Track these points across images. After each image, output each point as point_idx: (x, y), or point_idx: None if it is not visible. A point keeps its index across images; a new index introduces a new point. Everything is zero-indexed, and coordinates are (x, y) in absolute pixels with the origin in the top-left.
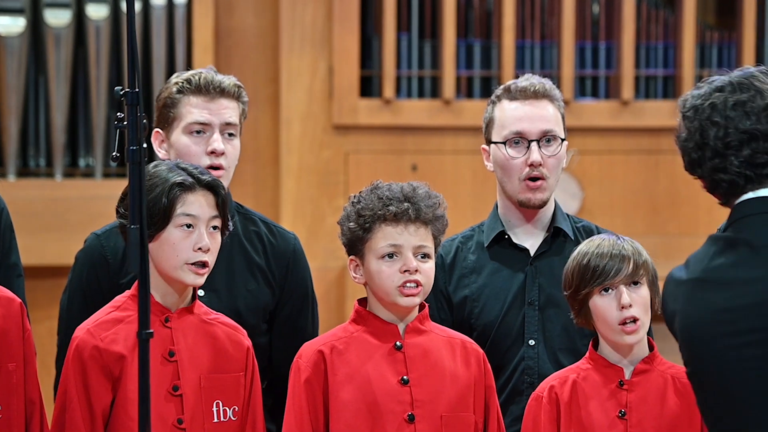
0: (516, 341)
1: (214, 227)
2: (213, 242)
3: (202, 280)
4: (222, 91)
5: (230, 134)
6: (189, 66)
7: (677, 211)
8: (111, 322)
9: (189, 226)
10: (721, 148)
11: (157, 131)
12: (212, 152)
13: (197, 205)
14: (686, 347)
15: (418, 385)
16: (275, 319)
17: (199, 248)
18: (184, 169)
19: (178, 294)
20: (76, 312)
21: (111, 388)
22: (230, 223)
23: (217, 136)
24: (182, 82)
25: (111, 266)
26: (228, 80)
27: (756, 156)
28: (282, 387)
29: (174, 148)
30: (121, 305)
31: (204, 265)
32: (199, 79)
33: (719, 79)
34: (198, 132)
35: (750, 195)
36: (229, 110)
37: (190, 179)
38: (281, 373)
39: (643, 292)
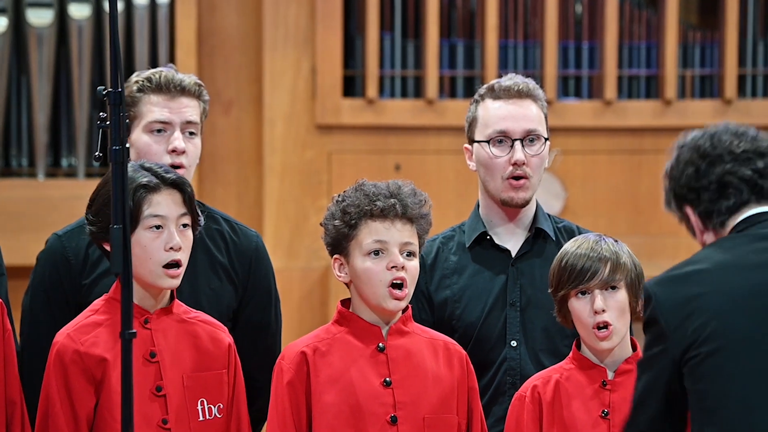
0: (498, 342)
1: (184, 225)
2: (184, 240)
3: (177, 282)
4: (183, 90)
5: (191, 133)
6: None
7: (660, 212)
8: (91, 326)
9: (158, 227)
10: (729, 160)
11: None
12: (173, 151)
13: (164, 204)
14: (718, 322)
15: (401, 386)
16: (239, 317)
17: (171, 247)
18: (148, 170)
19: (155, 296)
20: (38, 313)
21: (94, 391)
22: (201, 218)
23: (177, 134)
24: (143, 81)
25: (73, 267)
26: (189, 79)
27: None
28: (248, 385)
29: (135, 147)
30: (99, 309)
31: (177, 264)
32: (160, 78)
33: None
34: (159, 131)
35: (757, 210)
36: (189, 109)
37: (155, 179)
38: (246, 370)
39: (620, 296)
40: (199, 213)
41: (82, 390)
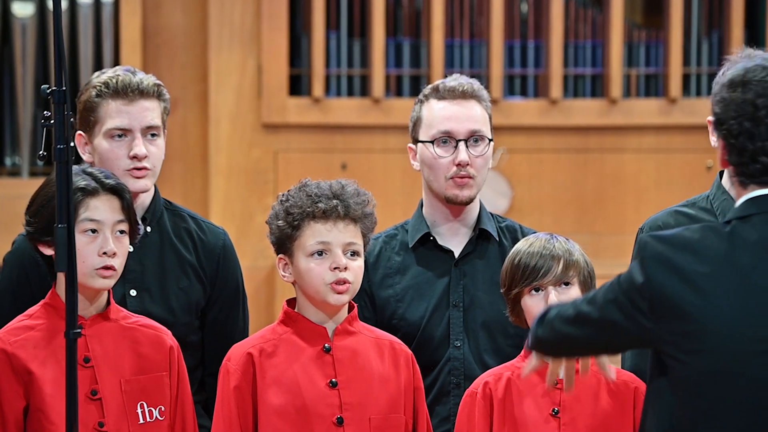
0: (442, 343)
1: (121, 231)
2: (120, 246)
3: (111, 283)
4: (141, 93)
5: (153, 135)
6: (116, 65)
7: (605, 210)
8: (22, 329)
9: (94, 231)
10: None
11: (80, 134)
12: (134, 157)
13: (101, 209)
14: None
15: (347, 387)
16: (207, 315)
17: (104, 253)
18: (89, 174)
19: (90, 301)
20: (6, 314)
21: (23, 393)
22: (140, 227)
23: (138, 140)
24: (100, 86)
25: (41, 267)
26: (147, 80)
27: None
28: (215, 383)
29: (97, 153)
30: (33, 314)
31: (111, 269)
32: (117, 83)
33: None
34: (120, 135)
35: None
36: (149, 112)
37: (94, 183)
38: (214, 369)
39: (573, 292)
40: (139, 222)
41: (12, 391)
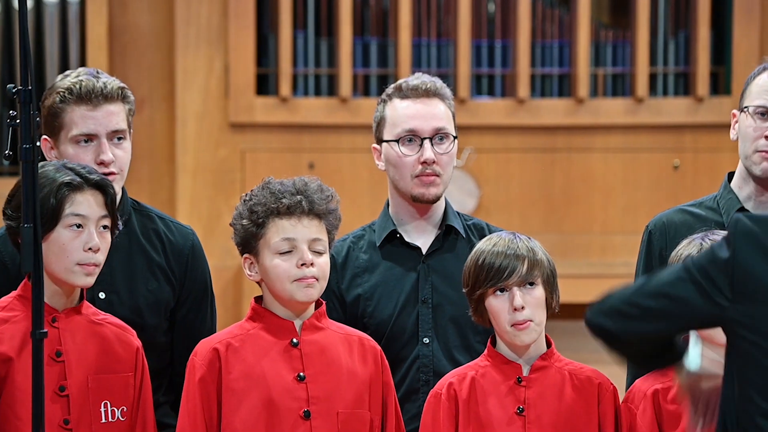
0: (410, 340)
1: (104, 227)
2: (103, 242)
3: (92, 280)
4: (105, 97)
5: (119, 138)
6: (83, 65)
7: (572, 209)
8: None
9: (78, 226)
10: None
11: (45, 138)
12: (101, 163)
13: (86, 204)
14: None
15: (315, 381)
16: (175, 315)
17: (89, 248)
18: (71, 169)
19: (66, 295)
20: None
21: None
22: (120, 223)
23: (105, 145)
24: (64, 91)
25: (10, 271)
26: (111, 84)
27: None
28: (182, 383)
29: (63, 158)
30: (6, 305)
31: (94, 265)
32: (80, 88)
33: None
34: (86, 141)
35: None
36: (114, 116)
37: (78, 179)
38: (183, 370)
39: (537, 292)
40: (119, 217)
41: None
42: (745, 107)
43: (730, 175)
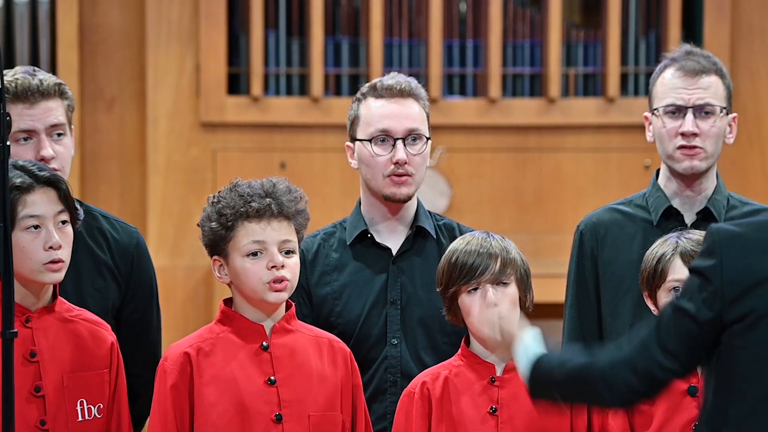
0: (379, 340)
1: (63, 221)
2: (64, 237)
3: (61, 276)
4: (42, 94)
5: (59, 134)
6: (53, 63)
7: (544, 209)
8: None
9: (36, 226)
10: None
11: None
12: (42, 159)
13: (39, 204)
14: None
15: (285, 385)
16: (121, 314)
17: (50, 246)
18: (21, 168)
19: (36, 294)
20: None
21: None
22: (80, 212)
23: (44, 141)
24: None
25: None
26: (47, 80)
27: None
28: (131, 382)
29: None
30: None
31: (59, 262)
32: (17, 87)
33: None
34: (25, 138)
35: None
36: (52, 111)
37: (28, 179)
38: (127, 369)
39: (511, 291)
40: (78, 207)
41: None
42: (655, 109)
43: (658, 172)
